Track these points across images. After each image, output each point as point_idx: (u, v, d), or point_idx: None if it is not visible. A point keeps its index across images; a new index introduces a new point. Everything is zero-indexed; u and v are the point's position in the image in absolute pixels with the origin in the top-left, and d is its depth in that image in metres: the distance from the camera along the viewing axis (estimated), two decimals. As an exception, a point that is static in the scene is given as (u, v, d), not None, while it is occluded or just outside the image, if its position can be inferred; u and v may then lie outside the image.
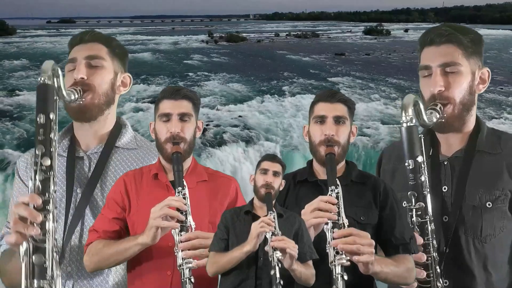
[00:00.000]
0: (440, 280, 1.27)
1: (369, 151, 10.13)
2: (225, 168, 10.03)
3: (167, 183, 1.31)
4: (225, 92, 16.78)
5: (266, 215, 1.11)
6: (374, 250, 1.09)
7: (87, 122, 1.48)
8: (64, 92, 1.16)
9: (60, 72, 1.15)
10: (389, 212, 1.24)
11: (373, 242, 1.10)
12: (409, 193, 1.23)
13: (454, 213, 1.35)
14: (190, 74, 21.34)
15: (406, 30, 58.33)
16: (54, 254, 1.10)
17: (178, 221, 1.20)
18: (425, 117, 1.22)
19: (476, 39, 1.37)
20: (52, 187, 1.10)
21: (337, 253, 1.09)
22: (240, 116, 13.14)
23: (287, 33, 55.38)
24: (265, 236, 1.09)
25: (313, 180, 1.28)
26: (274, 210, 1.12)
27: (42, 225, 1.09)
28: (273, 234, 1.08)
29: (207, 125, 12.25)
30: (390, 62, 26.09)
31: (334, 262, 1.08)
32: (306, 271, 1.12)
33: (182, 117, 1.29)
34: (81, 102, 1.38)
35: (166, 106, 1.29)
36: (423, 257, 1.24)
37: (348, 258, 1.08)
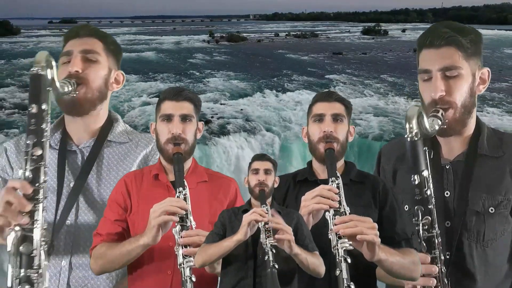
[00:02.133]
0: None
1: (360, 141, 11.09)
2: (229, 154, 11.09)
3: (168, 183, 1.31)
4: (228, 88, 17.70)
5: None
6: (378, 233, 1.08)
7: (79, 116, 1.46)
8: (57, 84, 1.17)
9: (54, 63, 1.15)
10: (389, 210, 1.25)
11: (376, 225, 1.08)
12: (415, 207, 1.22)
13: (458, 218, 1.34)
14: (194, 72, 22.27)
15: (403, 30, 59.12)
16: (43, 244, 1.11)
17: (179, 219, 1.19)
18: (428, 127, 1.21)
19: (475, 38, 1.33)
20: (42, 177, 1.12)
21: (340, 238, 1.08)
22: (242, 109, 14.14)
23: (286, 33, 56.26)
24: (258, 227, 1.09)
25: (313, 180, 1.29)
26: (267, 204, 1.13)
27: (31, 215, 1.10)
28: (266, 224, 1.08)
29: (211, 117, 13.29)
30: (386, 61, 27.03)
31: (337, 246, 1.07)
32: (313, 258, 1.11)
33: (184, 118, 1.29)
34: (74, 95, 1.35)
35: (168, 107, 1.30)
36: (427, 258, 1.22)
37: (351, 242, 1.07)
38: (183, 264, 1.15)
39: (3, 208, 1.12)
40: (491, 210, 1.34)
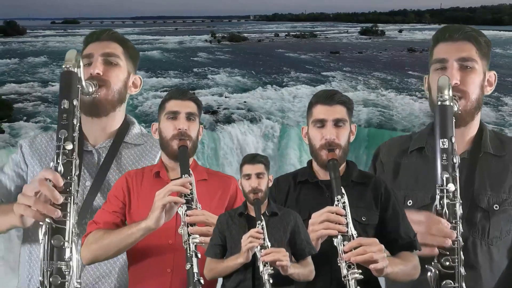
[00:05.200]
0: (463, 268, 1.22)
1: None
2: (234, 140, 12.64)
3: (169, 181, 1.31)
4: (231, 84, 19.25)
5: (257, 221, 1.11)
6: (385, 255, 1.09)
7: (98, 118, 1.50)
8: (83, 83, 1.20)
9: (81, 63, 1.18)
10: (391, 212, 1.24)
11: (383, 247, 1.09)
12: (440, 173, 1.19)
13: (463, 215, 1.28)
14: (199, 69, 23.68)
15: (400, 31, 60.22)
16: (74, 237, 1.10)
17: (185, 201, 1.20)
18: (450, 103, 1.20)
19: (488, 42, 1.38)
20: (74, 171, 1.13)
21: (349, 266, 1.08)
22: (244, 102, 15.67)
23: (286, 33, 57.43)
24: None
25: (314, 181, 1.27)
26: (262, 218, 1.11)
27: (63, 207, 1.10)
28: (262, 247, 1.08)
29: (217, 108, 14.82)
30: (380, 59, 28.33)
31: (348, 277, 1.07)
32: (304, 271, 1.11)
33: (189, 116, 1.32)
34: (96, 96, 1.40)
35: (174, 104, 1.32)
36: (448, 226, 1.20)
37: (361, 271, 1.07)
38: (189, 241, 1.15)
39: (34, 201, 1.12)
40: (496, 207, 1.36)
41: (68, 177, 1.12)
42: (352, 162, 1.31)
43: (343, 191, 1.15)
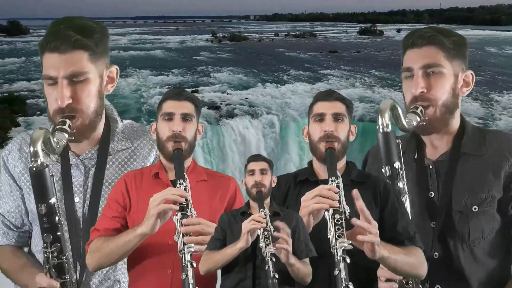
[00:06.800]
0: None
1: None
2: (236, 134, 13.41)
3: (168, 182, 1.31)
4: (232, 81, 20.04)
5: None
6: (377, 232, 1.08)
7: (81, 142, 1.39)
8: (57, 149, 1.14)
9: (51, 138, 1.10)
10: (390, 209, 1.25)
11: (376, 224, 1.09)
12: None
13: (442, 219, 1.34)
14: (201, 67, 24.46)
15: (398, 31, 60.77)
16: None
17: (180, 208, 1.18)
18: (404, 122, 1.22)
19: (459, 41, 1.35)
20: (66, 269, 1.16)
21: (339, 236, 1.08)
22: (246, 98, 16.47)
23: (286, 33, 58.16)
24: (258, 234, 1.09)
25: (314, 180, 1.28)
26: (265, 207, 1.12)
27: None
28: (265, 230, 1.08)
29: (220, 104, 15.60)
30: (377, 59, 29.18)
31: (336, 246, 1.07)
32: (304, 269, 1.11)
33: (184, 117, 1.30)
34: (73, 137, 1.26)
35: (169, 106, 1.30)
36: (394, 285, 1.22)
37: (350, 242, 1.07)
38: (184, 250, 1.15)
39: None
40: (475, 208, 1.34)
41: (63, 276, 1.18)
42: (352, 162, 1.32)
43: (339, 174, 1.18)
